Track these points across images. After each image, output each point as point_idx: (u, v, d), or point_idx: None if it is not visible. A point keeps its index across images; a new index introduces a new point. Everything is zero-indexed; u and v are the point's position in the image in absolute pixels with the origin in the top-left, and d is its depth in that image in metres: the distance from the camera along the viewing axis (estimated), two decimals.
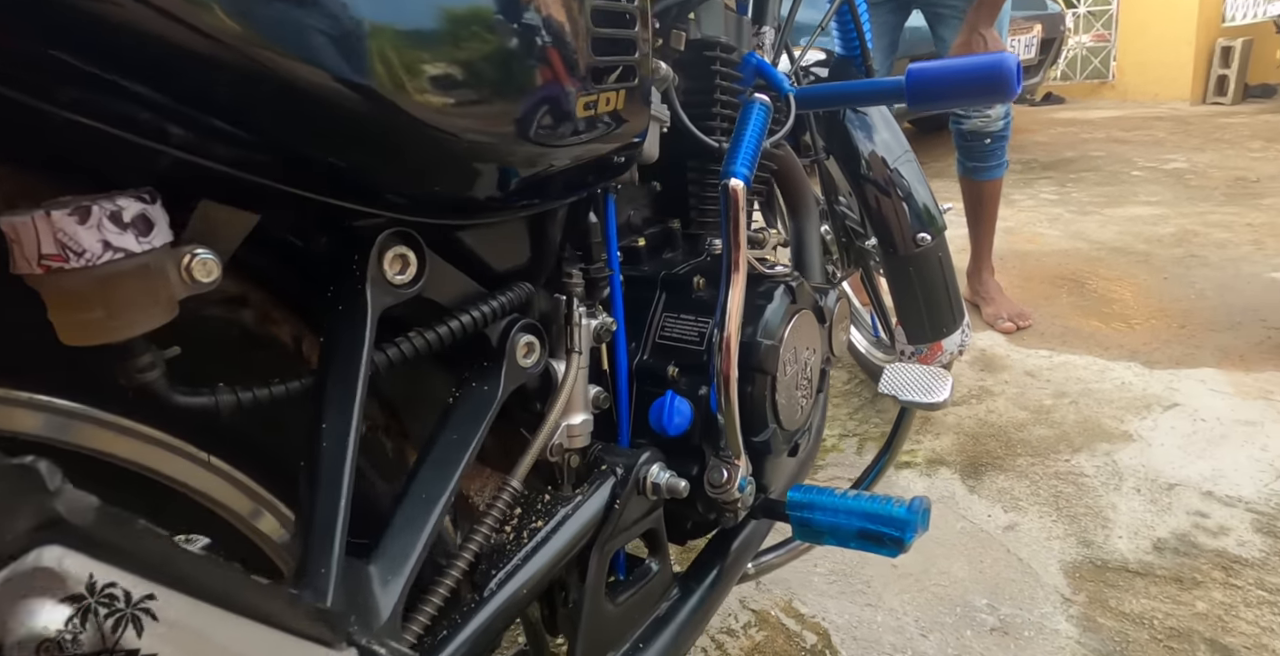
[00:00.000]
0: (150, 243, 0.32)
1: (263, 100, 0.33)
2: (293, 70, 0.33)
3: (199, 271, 0.35)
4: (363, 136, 0.36)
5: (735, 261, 0.63)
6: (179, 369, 0.39)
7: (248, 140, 0.33)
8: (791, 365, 0.74)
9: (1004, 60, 0.83)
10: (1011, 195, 3.58)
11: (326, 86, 0.34)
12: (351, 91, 0.35)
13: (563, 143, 0.46)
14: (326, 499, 0.37)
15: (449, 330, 0.46)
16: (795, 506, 0.74)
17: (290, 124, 0.34)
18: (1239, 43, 5.74)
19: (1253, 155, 4.06)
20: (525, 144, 0.43)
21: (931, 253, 1.38)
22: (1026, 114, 5.93)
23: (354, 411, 0.39)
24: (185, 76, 0.31)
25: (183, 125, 0.31)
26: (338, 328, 0.41)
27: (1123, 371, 1.90)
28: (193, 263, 0.35)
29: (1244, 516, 1.37)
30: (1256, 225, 2.88)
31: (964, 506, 1.46)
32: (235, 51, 0.31)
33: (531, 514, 0.62)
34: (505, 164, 0.43)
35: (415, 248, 0.44)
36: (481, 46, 0.39)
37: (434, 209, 0.42)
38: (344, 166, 0.36)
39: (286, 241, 0.43)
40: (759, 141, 0.67)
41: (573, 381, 0.61)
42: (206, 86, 0.31)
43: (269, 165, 0.34)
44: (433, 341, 0.45)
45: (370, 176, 0.38)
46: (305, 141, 0.35)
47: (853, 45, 1.53)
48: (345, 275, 0.41)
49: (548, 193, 0.50)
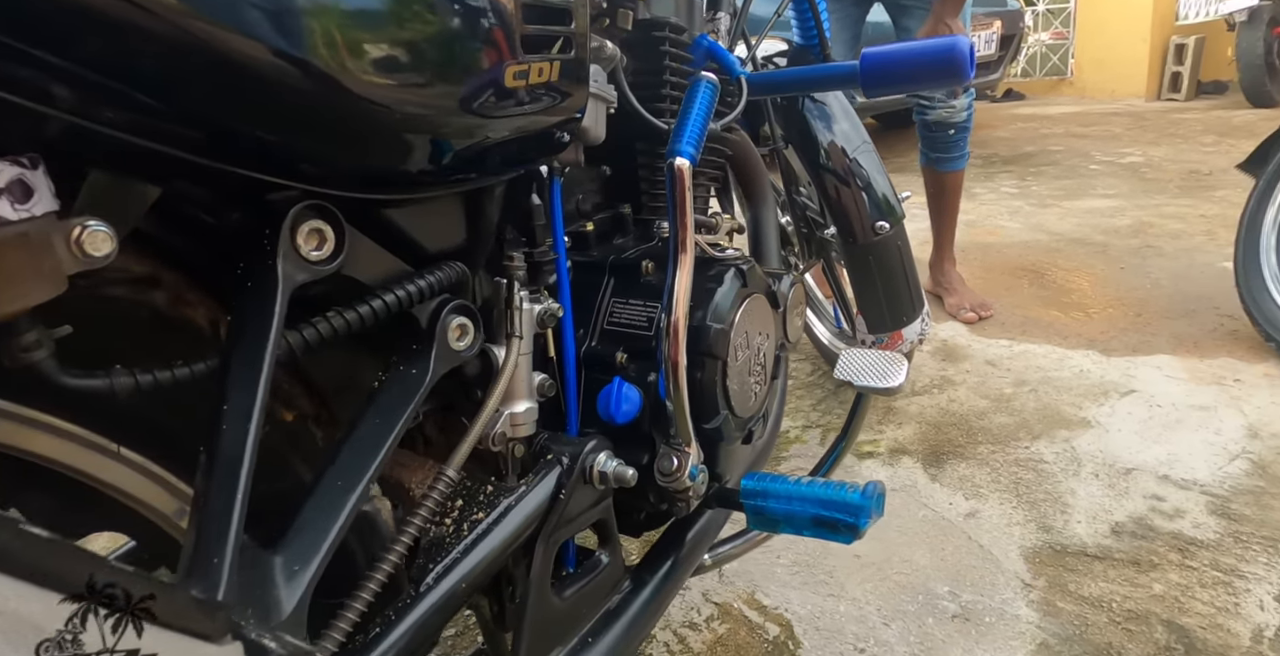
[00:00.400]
0: (29, 210, 0.30)
1: (161, 59, 0.30)
2: (196, 26, 0.30)
3: (90, 245, 0.33)
4: (271, 101, 0.34)
5: (683, 242, 0.62)
6: (85, 353, 0.37)
7: (144, 103, 0.31)
8: (743, 350, 0.73)
9: (958, 43, 0.83)
10: (973, 189, 3.61)
11: (232, 46, 0.32)
12: (258, 52, 0.33)
13: (489, 114, 0.44)
14: (222, 485, 0.35)
15: (370, 309, 0.44)
16: (749, 494, 0.73)
17: (193, 86, 0.32)
18: (1192, 41, 5.86)
19: (1205, 149, 4.14)
20: (446, 113, 0.41)
21: (891, 241, 1.38)
22: (988, 110, 6.00)
23: (258, 392, 0.37)
24: (72, 30, 0.28)
25: (70, 85, 0.29)
26: (245, 305, 0.39)
27: (1081, 359, 1.93)
28: (83, 235, 0.33)
29: (1199, 499, 1.38)
30: (1209, 216, 2.94)
31: (926, 495, 1.46)
32: (128, 2, 0.28)
33: (473, 505, 0.60)
34: (426, 135, 0.41)
35: (333, 222, 0.41)
36: (401, 8, 0.37)
37: (351, 181, 0.40)
38: (252, 134, 0.34)
39: (195, 216, 0.41)
40: (705, 120, 0.66)
41: (513, 367, 0.59)
42: (95, 41, 0.29)
43: (168, 132, 0.32)
44: (352, 321, 0.43)
45: (280, 146, 0.36)
46: (209, 106, 0.33)
47: (811, 35, 1.52)
48: (255, 250, 0.39)
49: (478, 168, 0.48)
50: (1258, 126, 4.64)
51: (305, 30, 0.34)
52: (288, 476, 0.49)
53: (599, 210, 0.83)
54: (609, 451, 0.65)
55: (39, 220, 0.30)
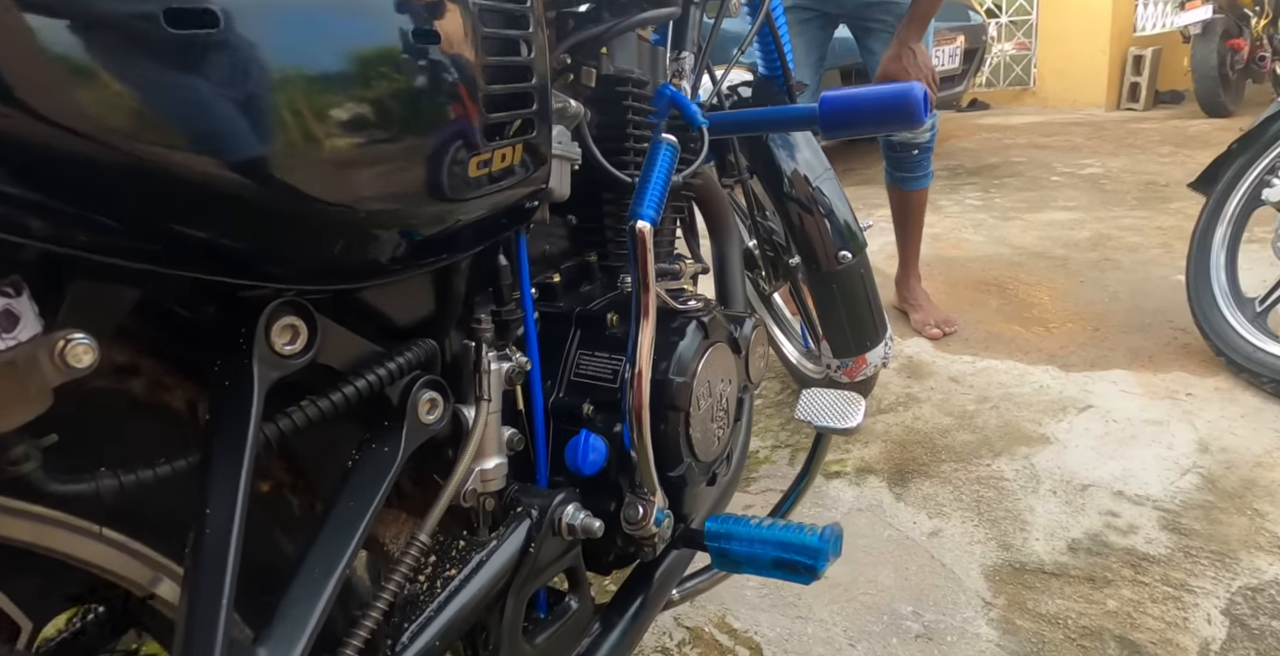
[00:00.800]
0: (16, 338, 0.32)
1: (131, 187, 0.32)
2: (162, 155, 0.32)
3: (73, 357, 0.35)
4: (243, 214, 0.36)
5: (645, 306, 0.65)
6: (67, 447, 0.39)
7: (117, 228, 0.33)
8: (705, 399, 0.76)
9: (911, 90, 0.86)
10: (938, 201, 3.68)
11: (200, 167, 0.34)
12: (226, 171, 0.35)
13: (454, 203, 0.47)
14: (209, 589, 0.37)
15: (343, 397, 0.46)
16: (713, 537, 0.76)
17: (166, 209, 0.34)
18: (1149, 52, 6.01)
19: (1162, 160, 4.26)
20: (412, 209, 0.43)
21: (854, 269, 1.42)
22: (953, 120, 6.11)
23: (239, 490, 0.39)
24: (40, 166, 0.30)
25: (43, 217, 0.31)
26: (223, 403, 0.41)
27: (1041, 375, 1.98)
28: (66, 349, 0.35)
29: (1151, 514, 1.44)
30: (1165, 228, 3.03)
31: (891, 514, 1.50)
32: (93, 140, 0.30)
33: (446, 561, 0.62)
34: (394, 229, 0.44)
35: (305, 316, 0.44)
36: (364, 112, 0.40)
37: (322, 277, 0.42)
38: (223, 245, 0.36)
39: (172, 313, 0.43)
40: (666, 182, 0.69)
41: (482, 428, 0.61)
42: (65, 176, 0.31)
43: (144, 250, 0.34)
44: (326, 410, 0.45)
45: (254, 252, 0.38)
46: (186, 223, 0.35)
47: (775, 66, 1.56)
48: (231, 349, 0.41)
49: (446, 249, 0.50)
50: (1212, 136, 4.77)
51: (269, 145, 0.36)
52: (268, 547, 0.51)
53: (565, 258, 0.85)
54: (577, 503, 0.68)
55: (25, 345, 0.32)
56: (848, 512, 1.52)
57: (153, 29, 0.31)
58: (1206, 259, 2.01)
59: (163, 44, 0.31)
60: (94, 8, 0.30)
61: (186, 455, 0.41)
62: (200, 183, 0.34)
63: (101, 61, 0.30)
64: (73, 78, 0.29)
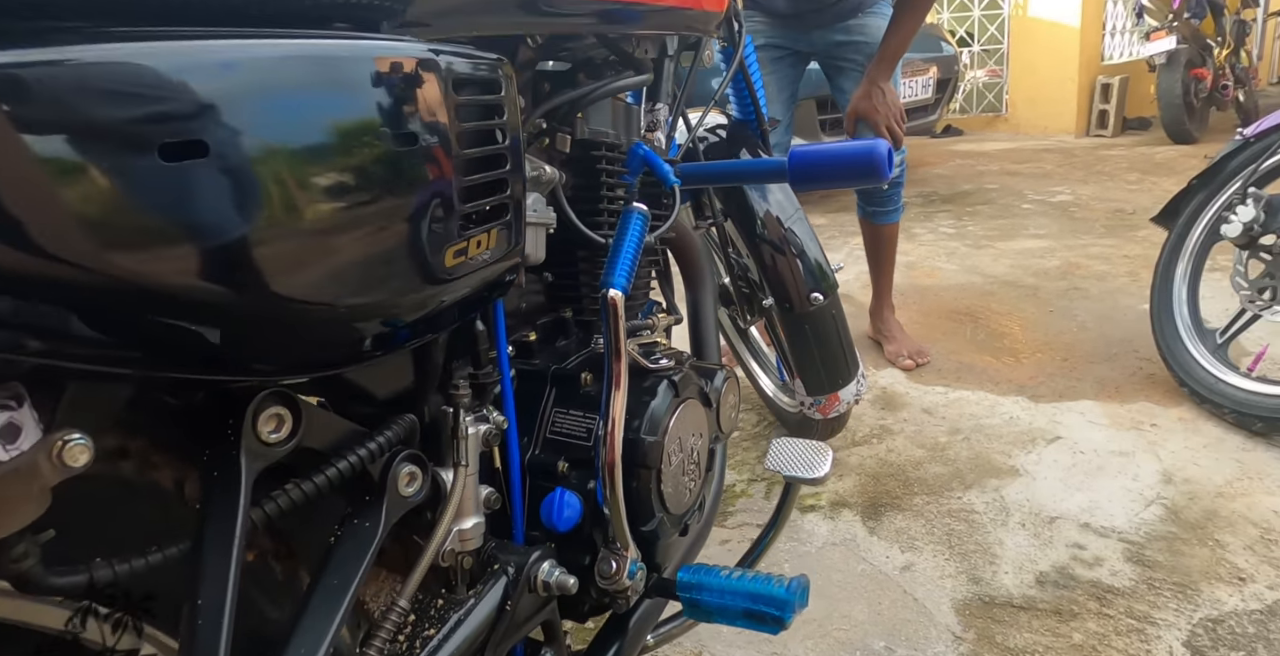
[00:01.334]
0: (19, 448, 0.34)
1: (125, 304, 0.35)
2: (153, 274, 0.35)
3: (70, 457, 0.37)
4: (231, 322, 0.39)
5: (617, 374, 0.67)
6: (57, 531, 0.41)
7: (112, 342, 0.35)
8: (677, 455, 0.79)
9: (876, 148, 0.90)
10: (913, 229, 3.76)
11: (191, 283, 0.36)
12: (216, 284, 0.37)
13: (435, 290, 0.49)
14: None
15: (326, 479, 0.48)
16: (685, 587, 0.78)
17: (161, 322, 0.36)
18: (1116, 81, 6.18)
19: (1129, 187, 4.37)
20: (392, 302, 0.46)
21: (825, 310, 1.46)
22: (928, 146, 6.23)
23: (230, 580, 0.41)
24: (38, 291, 0.33)
25: (41, 337, 0.33)
26: (212, 495, 0.43)
27: (1011, 406, 2.03)
28: (64, 449, 0.37)
29: (1116, 546, 1.48)
30: (1132, 257, 3.11)
31: (864, 548, 1.53)
32: (86, 265, 0.33)
33: (425, 621, 0.64)
34: (375, 320, 0.46)
35: (290, 405, 0.46)
36: (341, 222, 0.42)
37: (306, 369, 0.45)
38: (215, 349, 0.39)
39: (162, 404, 0.45)
40: (637, 250, 0.72)
41: (460, 492, 0.63)
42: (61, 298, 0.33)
43: (139, 359, 0.37)
44: (310, 493, 0.47)
45: (242, 353, 0.40)
46: (179, 335, 0.37)
47: (748, 109, 1.61)
48: (219, 439, 0.44)
49: (426, 330, 0.53)
50: (1178, 163, 4.91)
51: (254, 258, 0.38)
52: (253, 613, 0.53)
53: (541, 315, 0.88)
54: (552, 560, 0.70)
55: (27, 452, 0.35)
56: (822, 546, 1.55)
57: (148, 164, 0.33)
58: (1169, 292, 2.07)
59: (155, 175, 0.34)
60: (92, 146, 0.32)
61: (178, 541, 0.43)
62: (193, 296, 0.36)
63: (97, 194, 0.32)
64: (70, 209, 0.32)
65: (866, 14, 2.08)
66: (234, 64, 0.37)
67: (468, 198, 0.52)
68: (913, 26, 2.00)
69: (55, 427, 0.38)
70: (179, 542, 0.43)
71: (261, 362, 0.42)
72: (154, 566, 0.41)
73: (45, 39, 0.31)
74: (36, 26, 0.32)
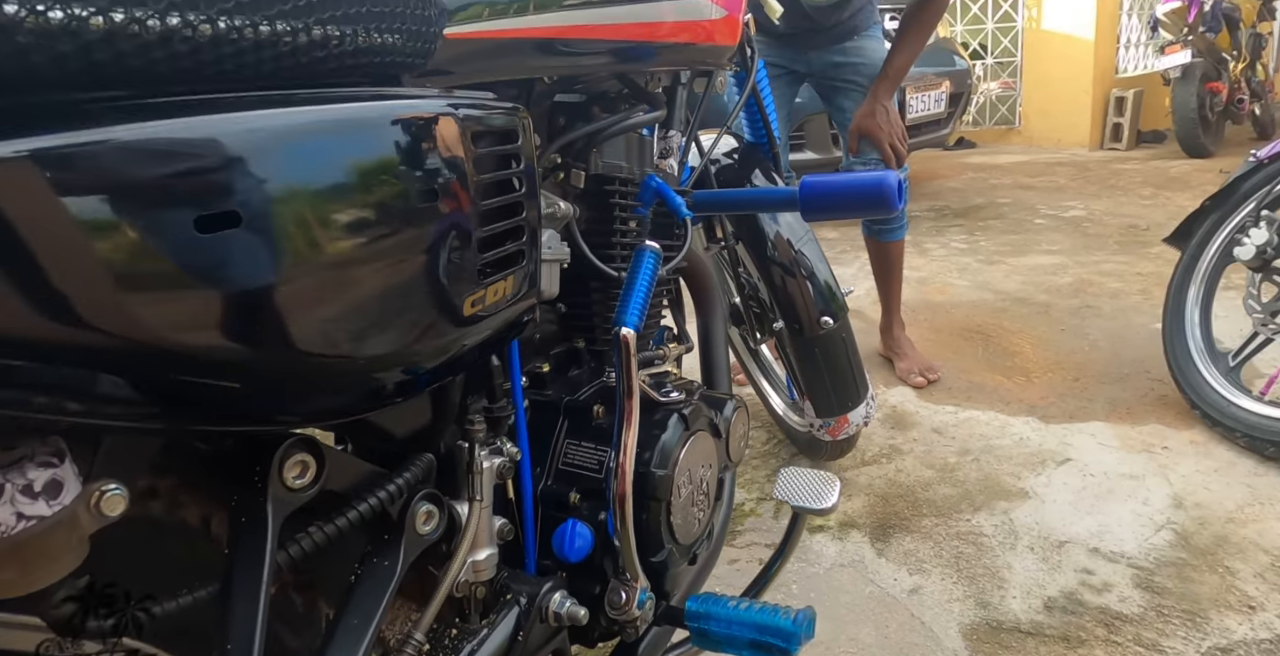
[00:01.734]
0: (61, 502, 0.36)
1: (161, 367, 0.37)
2: (187, 338, 0.37)
3: (108, 507, 0.39)
4: (263, 379, 0.40)
5: (629, 409, 0.69)
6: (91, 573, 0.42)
7: (151, 401, 0.37)
8: (686, 487, 0.80)
9: (886, 180, 0.92)
10: (924, 243, 3.76)
11: (224, 345, 0.38)
12: (246, 345, 0.39)
13: (453, 339, 0.51)
14: None
15: (348, 522, 0.50)
16: (693, 617, 0.80)
17: (196, 383, 0.38)
18: (1131, 94, 6.17)
19: (1144, 202, 4.35)
20: (412, 352, 0.48)
21: (835, 334, 1.47)
22: (941, 159, 6.23)
23: (258, 621, 0.42)
24: (79, 357, 0.34)
25: (82, 399, 0.35)
26: (240, 540, 0.45)
27: (1021, 427, 2.03)
28: (102, 500, 0.39)
29: (1125, 572, 1.47)
30: (1145, 274, 3.10)
31: (872, 570, 1.53)
32: (124, 333, 0.34)
33: (439, 651, 0.65)
34: (396, 369, 0.48)
35: (314, 451, 0.48)
36: (367, 281, 0.44)
37: (329, 416, 0.46)
38: (245, 404, 0.41)
39: (192, 450, 0.47)
40: (649, 288, 0.73)
41: (475, 527, 0.65)
42: (101, 363, 0.35)
43: (172, 415, 0.38)
44: (333, 535, 0.49)
45: (270, 406, 0.42)
46: (214, 394, 0.39)
47: (760, 134, 1.63)
48: (247, 486, 0.45)
49: (444, 374, 0.54)
50: (1193, 177, 4.89)
51: (283, 318, 0.40)
52: (275, 644, 0.55)
53: (554, 345, 0.90)
54: (564, 591, 0.72)
55: (68, 506, 0.36)
56: (830, 567, 1.56)
57: (186, 238, 0.35)
58: (1181, 314, 2.06)
59: (192, 247, 0.35)
60: (133, 224, 0.34)
61: (207, 583, 0.45)
62: (228, 356, 0.38)
63: (139, 269, 0.34)
64: (112, 283, 0.33)
65: (862, 37, 2.12)
66: (263, 135, 0.39)
67: (486, 247, 0.53)
68: (917, 46, 2.03)
69: (93, 478, 0.40)
70: (208, 584, 0.45)
71: (289, 413, 0.44)
72: (185, 608, 0.43)
73: (82, 120, 0.33)
74: (72, 102, 0.34)
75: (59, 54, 0.31)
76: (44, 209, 0.31)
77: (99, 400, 0.36)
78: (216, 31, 0.36)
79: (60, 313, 0.32)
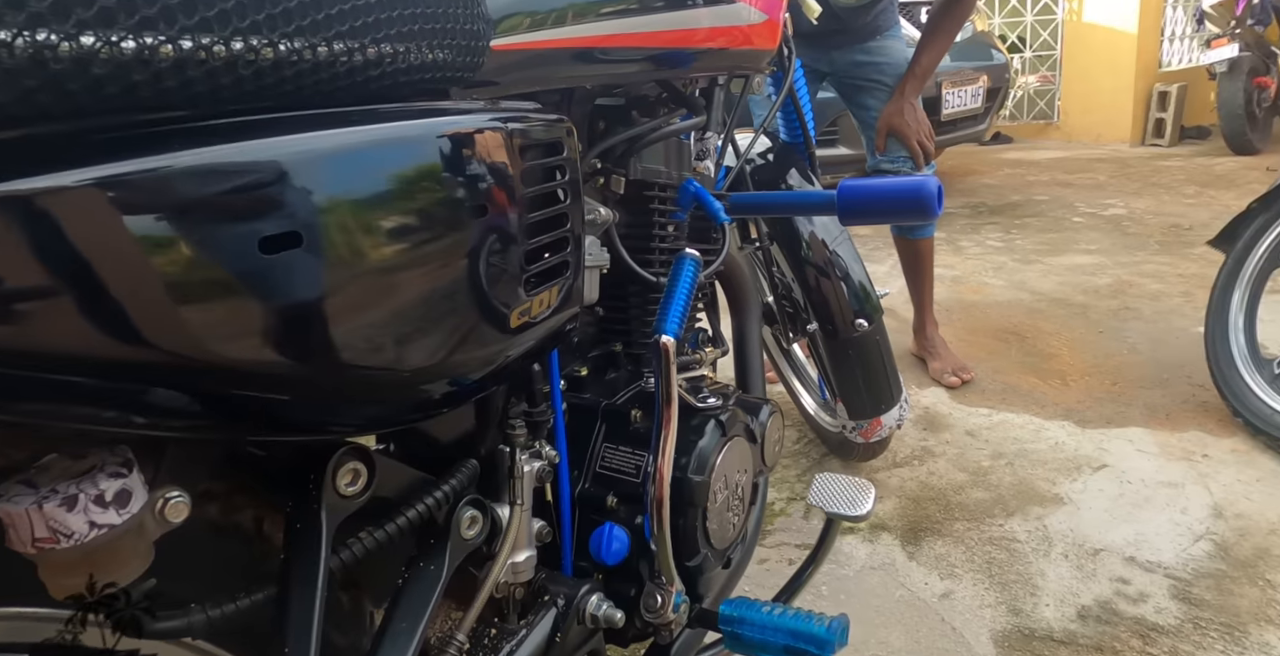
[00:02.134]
0: (130, 511, 0.37)
1: (227, 383, 0.38)
2: (252, 354, 0.38)
3: (173, 513, 0.40)
4: (320, 392, 0.41)
5: (668, 417, 0.70)
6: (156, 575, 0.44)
7: (210, 413, 0.38)
8: (723, 492, 0.81)
9: (926, 185, 0.91)
10: (959, 241, 3.71)
11: (286, 360, 0.39)
12: (307, 360, 0.40)
13: (500, 350, 0.52)
14: None
15: (397, 528, 0.51)
16: (727, 621, 0.80)
17: (260, 396, 0.39)
18: (1175, 88, 6.02)
19: (1187, 201, 4.26)
20: (461, 364, 0.49)
21: (870, 336, 1.46)
22: (976, 154, 6.14)
23: (314, 624, 0.44)
24: (149, 375, 0.35)
25: (151, 413, 0.36)
26: (296, 546, 0.46)
27: (1057, 431, 2.00)
28: (166, 507, 0.40)
29: (1162, 582, 1.45)
30: (1187, 276, 3.03)
31: (903, 574, 1.53)
32: (189, 353, 0.35)
33: (478, 650, 0.67)
34: (444, 381, 0.49)
35: (365, 459, 0.49)
36: (419, 297, 0.45)
37: (382, 426, 0.48)
38: (303, 415, 0.42)
39: (250, 457, 0.48)
40: (689, 296, 0.74)
41: (516, 531, 0.66)
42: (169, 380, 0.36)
43: (235, 427, 0.40)
44: (383, 541, 0.50)
45: (325, 418, 0.43)
46: (276, 406, 0.40)
47: (796, 134, 1.62)
48: (301, 493, 0.47)
49: (490, 383, 0.55)
50: (1238, 176, 4.77)
51: (341, 333, 0.41)
52: (325, 645, 0.56)
53: (592, 348, 0.91)
54: (600, 593, 0.73)
55: (136, 514, 0.38)
56: (861, 570, 1.55)
57: (250, 258, 0.36)
58: (1225, 319, 2.02)
59: (256, 268, 0.36)
60: (197, 246, 0.35)
61: (264, 586, 0.46)
62: (289, 371, 0.39)
63: (205, 289, 0.35)
64: (180, 303, 0.34)
65: (884, 37, 2.11)
66: (321, 156, 0.39)
67: (532, 260, 0.54)
68: (945, 44, 2.02)
69: (157, 485, 0.41)
70: (266, 587, 0.46)
71: (344, 424, 0.45)
72: (243, 610, 0.45)
73: (148, 145, 0.34)
74: (137, 126, 0.35)
75: (132, 83, 0.32)
76: (110, 234, 0.32)
77: (164, 413, 0.37)
78: (278, 55, 0.37)
79: (128, 332, 0.33)
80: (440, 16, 0.48)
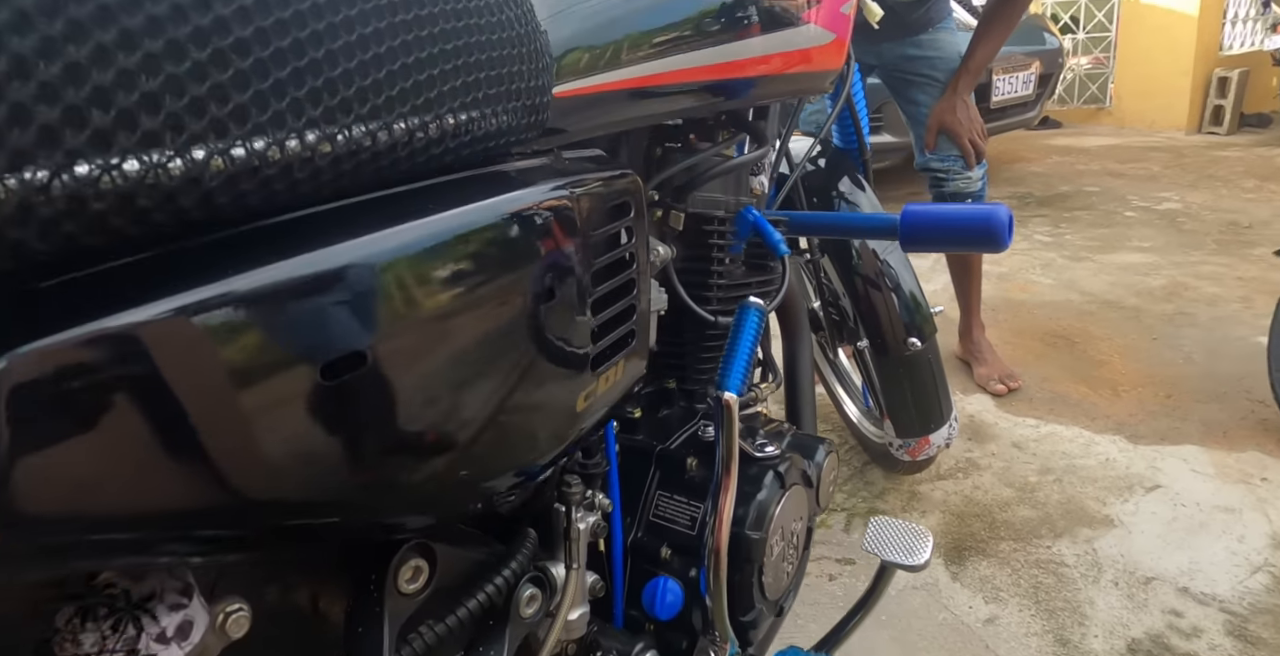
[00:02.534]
0: (192, 642, 0.35)
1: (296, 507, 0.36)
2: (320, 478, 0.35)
3: (234, 628, 0.38)
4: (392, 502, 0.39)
5: (726, 481, 0.67)
6: None
7: (277, 533, 0.36)
8: (779, 545, 0.78)
9: (996, 214, 0.86)
10: None
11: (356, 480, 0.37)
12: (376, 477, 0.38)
13: (565, 435, 0.50)
14: None
15: (458, 620, 0.49)
16: None
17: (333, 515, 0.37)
18: (1235, 73, 5.77)
19: (1246, 195, 4.10)
20: (528, 455, 0.46)
21: (922, 356, 1.42)
22: (1023, 139, 5.95)
23: None
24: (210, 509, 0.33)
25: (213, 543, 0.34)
26: (357, 646, 0.44)
27: (1108, 446, 1.94)
28: (227, 622, 0.38)
29: (1217, 617, 1.41)
30: (1246, 279, 2.92)
31: (946, 596, 1.50)
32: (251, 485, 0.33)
33: None
34: (510, 472, 0.47)
35: (428, 554, 0.47)
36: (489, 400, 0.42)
37: (449, 521, 0.45)
38: (373, 524, 0.40)
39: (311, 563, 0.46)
40: (752, 350, 0.70)
41: (572, 594, 0.64)
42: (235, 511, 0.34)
43: (302, 540, 0.38)
44: (444, 635, 0.48)
45: (394, 522, 0.41)
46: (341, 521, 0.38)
47: (851, 140, 1.57)
48: (363, 593, 0.45)
49: (555, 462, 0.53)
50: None
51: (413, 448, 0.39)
52: None
53: (645, 385, 0.88)
54: (654, 652, 0.71)
55: (199, 643, 0.36)
56: (902, 590, 1.52)
57: (312, 387, 0.33)
58: None
59: (319, 395, 0.34)
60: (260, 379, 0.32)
61: None
62: (359, 485, 0.37)
63: (269, 422, 0.32)
64: (245, 437, 0.31)
65: (937, 29, 2.02)
66: (382, 262, 0.35)
67: (598, 337, 0.51)
68: (1000, 39, 1.93)
69: (216, 598, 0.39)
70: None
71: (409, 528, 0.43)
72: None
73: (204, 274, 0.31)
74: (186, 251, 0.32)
75: (179, 208, 0.29)
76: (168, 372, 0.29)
77: (223, 544, 0.35)
78: (335, 149, 0.34)
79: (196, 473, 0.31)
80: (507, 77, 0.44)
